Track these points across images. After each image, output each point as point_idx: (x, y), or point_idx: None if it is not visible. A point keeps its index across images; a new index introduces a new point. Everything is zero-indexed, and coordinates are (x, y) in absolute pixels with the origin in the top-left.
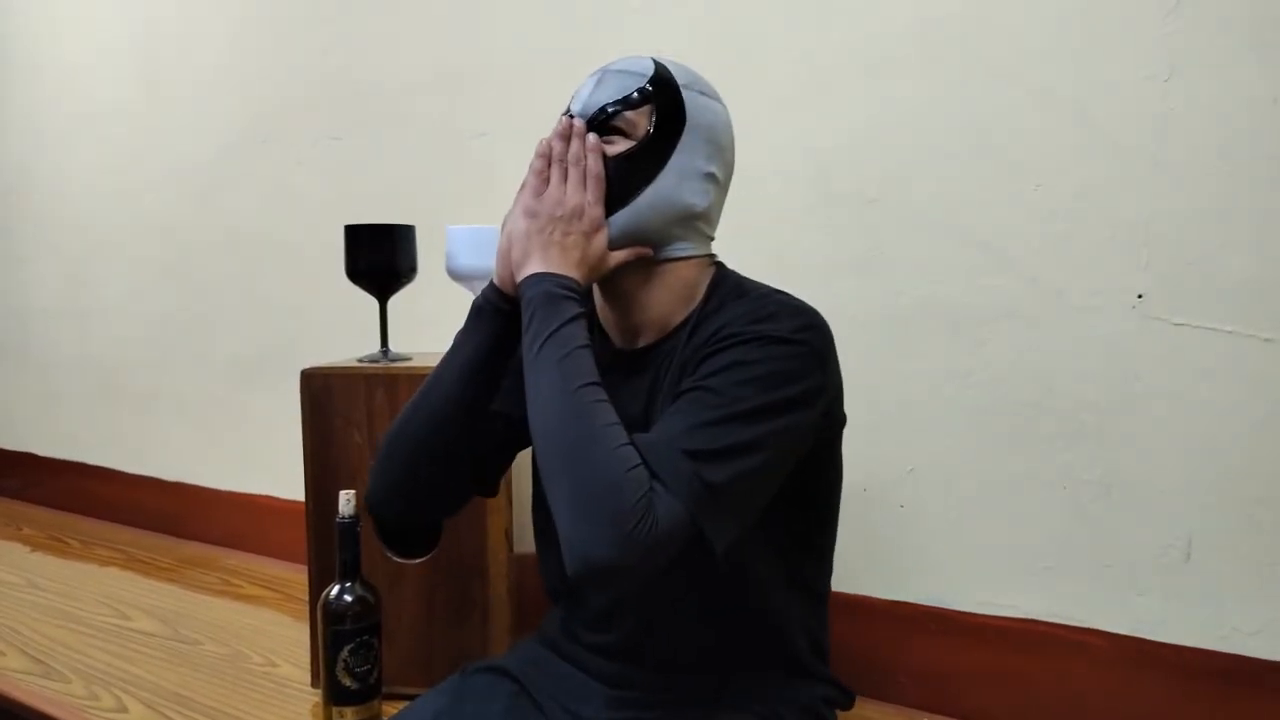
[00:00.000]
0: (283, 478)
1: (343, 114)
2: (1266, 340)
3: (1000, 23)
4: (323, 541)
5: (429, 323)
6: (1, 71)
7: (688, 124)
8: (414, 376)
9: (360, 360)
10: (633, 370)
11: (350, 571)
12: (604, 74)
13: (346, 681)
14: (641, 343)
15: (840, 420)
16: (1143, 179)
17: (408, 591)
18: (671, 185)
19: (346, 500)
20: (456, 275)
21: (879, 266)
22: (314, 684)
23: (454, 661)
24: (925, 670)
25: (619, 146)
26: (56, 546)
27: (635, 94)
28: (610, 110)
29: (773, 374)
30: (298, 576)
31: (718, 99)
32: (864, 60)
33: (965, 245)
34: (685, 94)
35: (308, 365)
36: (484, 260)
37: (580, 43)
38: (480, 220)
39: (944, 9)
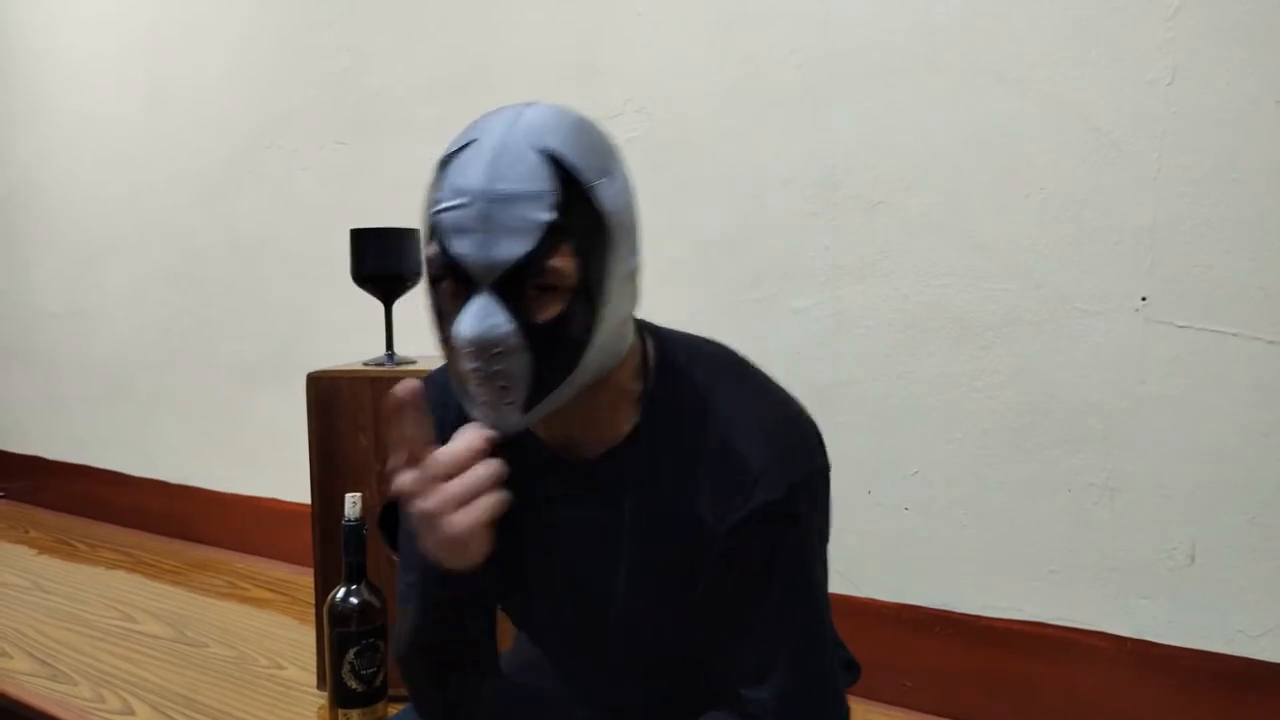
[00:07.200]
0: (289, 481)
1: (347, 118)
2: (1270, 343)
3: (1003, 28)
4: (329, 544)
5: None
6: (7, 75)
7: (610, 234)
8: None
9: (366, 363)
10: (586, 487)
11: (356, 574)
12: (488, 206)
13: (352, 684)
14: (587, 454)
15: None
16: (1146, 182)
17: None
18: (612, 329)
19: (352, 503)
20: None
21: (884, 271)
22: (320, 686)
23: None
24: (930, 673)
25: (549, 307)
26: (63, 549)
27: (550, 231)
28: (531, 271)
29: (798, 545)
30: (304, 579)
31: (614, 154)
32: (868, 65)
33: (969, 249)
34: (599, 193)
35: (313, 368)
36: None
37: (584, 46)
38: None
39: (948, 14)
